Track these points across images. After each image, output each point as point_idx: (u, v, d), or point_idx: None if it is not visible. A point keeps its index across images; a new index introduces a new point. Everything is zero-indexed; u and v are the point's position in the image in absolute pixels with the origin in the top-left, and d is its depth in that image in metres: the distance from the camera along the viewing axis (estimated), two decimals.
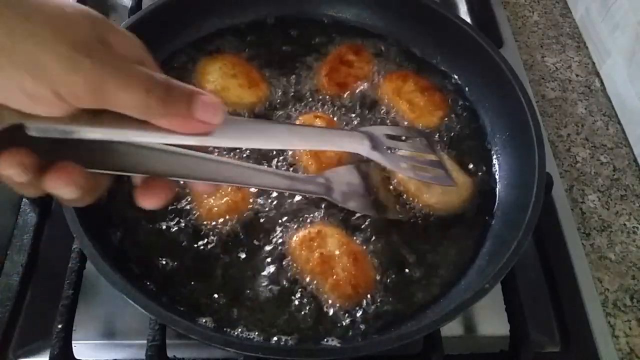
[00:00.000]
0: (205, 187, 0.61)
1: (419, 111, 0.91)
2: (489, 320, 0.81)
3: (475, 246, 0.80)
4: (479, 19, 1.20)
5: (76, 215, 0.68)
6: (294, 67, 0.97)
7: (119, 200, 0.80)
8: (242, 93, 0.90)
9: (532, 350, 0.75)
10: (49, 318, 0.75)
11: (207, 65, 0.92)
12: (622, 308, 0.88)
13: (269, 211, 0.80)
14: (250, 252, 0.77)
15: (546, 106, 1.13)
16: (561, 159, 1.05)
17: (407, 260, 0.78)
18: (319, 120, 0.87)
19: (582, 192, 1.01)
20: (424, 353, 0.74)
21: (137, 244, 0.77)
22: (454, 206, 0.82)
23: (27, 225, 0.87)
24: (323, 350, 0.68)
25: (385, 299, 0.74)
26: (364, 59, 0.97)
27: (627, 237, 0.96)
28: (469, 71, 0.95)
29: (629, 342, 0.85)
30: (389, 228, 0.80)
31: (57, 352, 0.70)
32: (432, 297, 0.75)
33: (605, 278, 0.91)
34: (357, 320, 0.72)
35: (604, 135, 1.09)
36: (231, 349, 0.63)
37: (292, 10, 1.03)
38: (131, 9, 1.08)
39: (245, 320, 0.71)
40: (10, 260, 0.83)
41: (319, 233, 0.76)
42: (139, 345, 0.74)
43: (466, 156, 0.89)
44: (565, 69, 1.20)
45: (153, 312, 0.64)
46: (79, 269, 0.76)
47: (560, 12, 1.31)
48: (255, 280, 0.75)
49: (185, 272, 0.75)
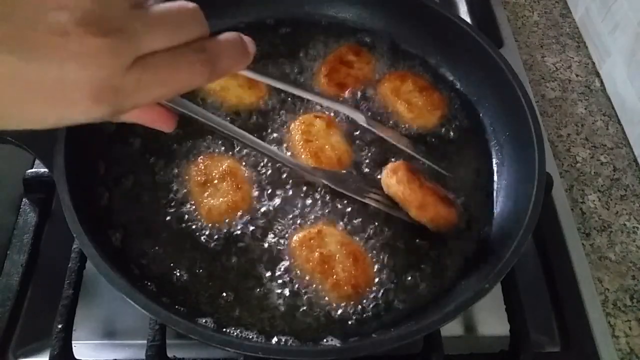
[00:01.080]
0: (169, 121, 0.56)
1: (417, 111, 0.91)
2: (489, 320, 0.81)
3: (475, 246, 0.80)
4: (479, 19, 1.20)
5: (76, 216, 0.68)
6: (294, 67, 0.97)
7: (119, 200, 0.80)
8: (242, 93, 0.90)
9: (532, 350, 0.75)
10: (49, 318, 0.75)
11: None
12: (622, 308, 0.88)
13: (269, 211, 0.80)
14: (250, 252, 0.77)
15: (546, 106, 1.13)
16: (561, 159, 1.05)
17: (407, 260, 0.78)
18: (319, 120, 0.87)
19: (582, 192, 1.01)
20: (424, 353, 0.74)
21: (137, 244, 0.77)
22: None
23: (27, 225, 0.87)
24: (323, 350, 0.68)
25: (385, 299, 0.74)
26: (364, 59, 0.97)
27: (627, 237, 0.96)
28: (469, 71, 0.95)
29: (629, 342, 0.85)
30: (389, 228, 0.80)
31: (57, 352, 0.70)
32: (432, 297, 0.75)
33: (605, 278, 0.91)
34: (357, 320, 0.72)
35: (604, 135, 1.09)
36: (231, 349, 0.63)
37: (291, 11, 1.03)
38: None
39: (245, 320, 0.71)
40: (10, 260, 0.83)
41: (319, 233, 0.76)
42: (139, 345, 0.74)
43: (466, 156, 0.89)
44: (565, 69, 1.20)
45: (153, 312, 0.64)
46: (79, 269, 0.76)
47: (560, 12, 1.31)
48: (255, 280, 0.75)
49: (185, 272, 0.75)
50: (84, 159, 0.78)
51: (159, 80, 0.42)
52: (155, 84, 0.42)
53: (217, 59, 0.45)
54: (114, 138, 0.86)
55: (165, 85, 0.43)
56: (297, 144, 0.85)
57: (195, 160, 0.83)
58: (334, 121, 0.89)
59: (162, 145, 0.85)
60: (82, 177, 0.76)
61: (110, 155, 0.84)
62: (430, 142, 0.90)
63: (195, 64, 0.43)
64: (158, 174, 0.83)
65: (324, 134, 0.86)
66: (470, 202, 0.84)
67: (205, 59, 0.44)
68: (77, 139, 0.75)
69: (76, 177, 0.72)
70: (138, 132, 0.86)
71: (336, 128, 0.87)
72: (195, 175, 0.81)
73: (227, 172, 0.81)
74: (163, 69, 0.42)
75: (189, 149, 0.85)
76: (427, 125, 0.91)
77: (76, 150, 0.75)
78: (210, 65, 0.44)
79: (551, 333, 0.83)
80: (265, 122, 0.89)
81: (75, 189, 0.71)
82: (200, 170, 0.81)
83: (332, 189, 0.81)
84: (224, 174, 0.80)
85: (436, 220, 0.78)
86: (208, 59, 0.44)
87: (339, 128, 0.88)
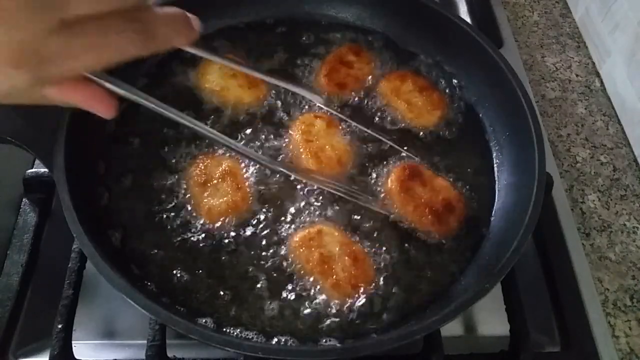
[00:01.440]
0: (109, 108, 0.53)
1: (417, 111, 0.91)
2: (489, 320, 0.81)
3: (475, 246, 0.80)
4: (479, 19, 1.20)
5: (76, 216, 0.68)
6: (294, 67, 0.97)
7: (119, 200, 0.80)
8: (241, 93, 0.90)
9: (532, 350, 0.75)
10: (49, 318, 0.75)
11: (207, 66, 0.92)
12: (622, 308, 0.88)
13: (269, 211, 0.80)
14: (250, 251, 0.77)
15: (546, 106, 1.13)
16: (561, 159, 1.05)
17: (407, 260, 0.78)
18: (319, 119, 0.87)
19: (582, 192, 1.01)
20: (424, 353, 0.74)
21: (137, 244, 0.77)
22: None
23: (27, 225, 0.87)
24: (323, 350, 0.68)
25: (385, 299, 0.74)
26: (364, 59, 0.97)
27: (627, 237, 0.96)
28: (469, 71, 0.95)
29: (629, 342, 0.85)
30: (389, 228, 0.80)
31: (57, 352, 0.71)
32: (432, 296, 0.75)
33: (605, 278, 0.91)
34: (357, 320, 0.72)
35: (604, 135, 1.09)
36: (231, 349, 0.63)
37: (291, 11, 1.03)
38: None
39: (245, 320, 0.71)
40: (10, 260, 0.83)
41: (319, 233, 0.76)
42: (139, 345, 0.74)
43: (465, 156, 0.89)
44: (565, 69, 1.20)
45: (153, 312, 0.64)
46: (79, 269, 0.76)
47: (560, 12, 1.31)
48: (255, 280, 0.75)
49: (185, 272, 0.75)
50: (84, 159, 0.78)
51: (86, 47, 0.40)
52: (82, 51, 0.40)
53: (153, 29, 0.44)
54: (113, 138, 0.86)
55: (93, 53, 0.41)
56: (297, 144, 0.85)
57: (195, 160, 0.83)
58: (334, 121, 0.89)
59: (162, 144, 0.85)
60: (82, 177, 0.76)
61: (110, 155, 0.84)
62: (430, 142, 0.90)
63: (127, 31, 0.42)
64: (158, 174, 0.83)
65: (324, 134, 0.86)
66: (470, 202, 0.84)
67: (139, 28, 0.42)
68: (77, 139, 0.75)
69: (76, 177, 0.72)
70: (138, 131, 0.86)
71: (336, 128, 0.87)
72: (195, 175, 0.81)
73: (227, 172, 0.81)
74: (91, 35, 0.40)
75: (189, 149, 0.85)
76: (427, 125, 0.91)
77: (76, 150, 0.75)
78: (143, 35, 0.43)
79: (551, 333, 0.83)
80: (265, 122, 0.89)
81: (75, 189, 0.71)
82: (200, 170, 0.81)
83: (333, 191, 0.81)
84: (224, 174, 0.80)
85: (429, 233, 0.79)
86: (142, 28, 0.43)
87: (339, 128, 0.88)
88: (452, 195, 0.82)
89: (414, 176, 0.82)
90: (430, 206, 0.80)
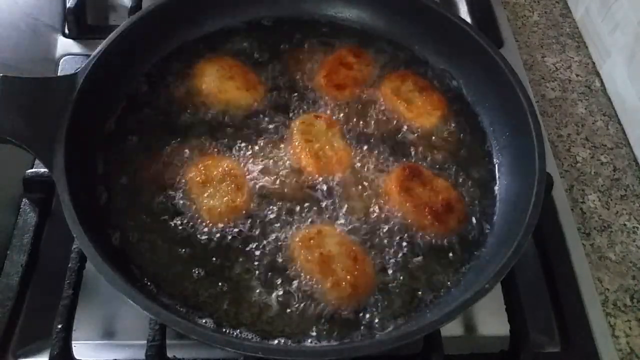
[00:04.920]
0: None
1: (417, 111, 0.91)
2: (489, 320, 0.81)
3: (475, 246, 0.80)
4: (479, 19, 1.20)
5: (76, 216, 0.68)
6: (293, 67, 0.96)
7: (119, 200, 0.80)
8: (239, 95, 0.90)
9: (532, 350, 0.75)
10: (49, 318, 0.75)
11: (205, 67, 0.92)
12: (622, 308, 0.88)
13: (269, 211, 0.80)
14: (250, 252, 0.77)
15: (546, 106, 1.13)
16: (561, 159, 1.05)
17: (407, 260, 0.78)
18: (319, 120, 0.87)
19: (582, 192, 1.01)
20: (424, 353, 0.74)
21: (137, 245, 0.77)
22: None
23: (27, 225, 0.87)
24: (323, 350, 0.68)
25: (385, 299, 0.74)
26: (364, 60, 0.97)
27: (627, 237, 0.96)
28: (469, 71, 0.95)
29: (629, 342, 0.85)
30: (389, 228, 0.80)
31: (57, 352, 0.71)
32: (432, 297, 0.75)
33: (605, 278, 0.91)
34: (357, 320, 0.72)
35: (604, 135, 1.09)
36: (231, 349, 0.63)
37: (291, 11, 1.03)
38: (131, 9, 1.07)
39: (245, 320, 0.71)
40: (10, 260, 0.83)
41: (319, 233, 0.76)
42: (139, 345, 0.74)
43: (465, 156, 0.89)
44: (565, 69, 1.20)
45: (153, 312, 0.64)
46: (79, 269, 0.76)
47: (560, 12, 1.31)
48: (255, 280, 0.75)
49: (185, 272, 0.75)
50: (83, 159, 0.78)
51: None
52: None
53: None
54: (113, 137, 0.86)
55: None
56: (297, 144, 0.85)
57: (195, 160, 0.83)
58: (334, 121, 0.89)
59: (162, 144, 0.85)
60: (82, 177, 0.76)
61: (109, 155, 0.84)
62: (430, 142, 0.90)
63: None
64: (157, 174, 0.83)
65: (324, 134, 0.86)
66: (470, 202, 0.84)
67: None
68: (76, 138, 0.75)
69: (76, 177, 0.72)
70: (137, 131, 0.86)
71: (336, 128, 0.87)
72: (195, 175, 0.81)
73: (227, 173, 0.81)
74: None
75: (189, 149, 0.85)
76: (427, 125, 0.91)
77: (76, 150, 0.75)
78: None
79: (551, 333, 0.83)
80: (263, 123, 0.89)
81: (75, 189, 0.71)
82: (200, 171, 0.81)
83: (333, 191, 0.81)
84: (224, 174, 0.80)
85: (429, 233, 0.80)
86: None
87: (339, 128, 0.88)
88: (452, 195, 0.82)
89: (414, 176, 0.82)
90: (430, 206, 0.80)
